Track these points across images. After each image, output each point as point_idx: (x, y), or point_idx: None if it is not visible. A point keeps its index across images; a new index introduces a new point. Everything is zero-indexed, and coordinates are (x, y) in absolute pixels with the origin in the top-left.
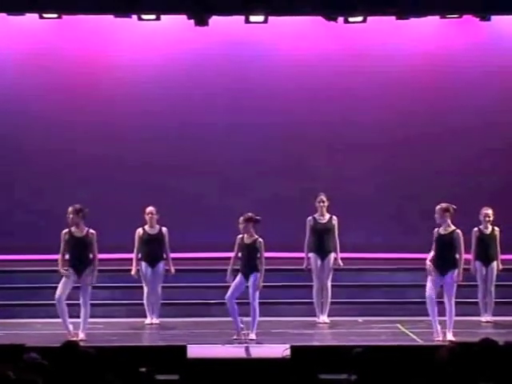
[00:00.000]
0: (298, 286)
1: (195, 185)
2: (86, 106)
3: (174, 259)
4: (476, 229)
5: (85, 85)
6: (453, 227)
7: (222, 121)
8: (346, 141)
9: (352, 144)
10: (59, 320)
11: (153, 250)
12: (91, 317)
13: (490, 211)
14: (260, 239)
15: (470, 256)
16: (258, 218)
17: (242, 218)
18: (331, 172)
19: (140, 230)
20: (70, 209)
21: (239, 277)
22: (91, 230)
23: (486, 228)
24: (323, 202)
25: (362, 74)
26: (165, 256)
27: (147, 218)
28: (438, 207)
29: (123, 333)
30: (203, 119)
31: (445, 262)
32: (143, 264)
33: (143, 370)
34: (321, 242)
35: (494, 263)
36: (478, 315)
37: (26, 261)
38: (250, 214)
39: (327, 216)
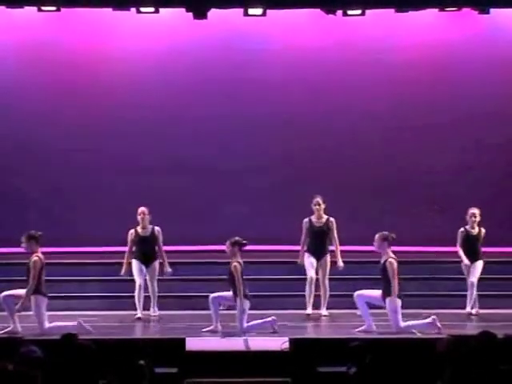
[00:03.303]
0: (296, 278)
1: (195, 177)
2: (84, 97)
3: (172, 252)
4: (462, 229)
5: (83, 77)
6: (385, 257)
7: (221, 112)
8: (345, 131)
9: (351, 135)
10: (57, 313)
11: (146, 251)
12: (90, 309)
13: (476, 211)
14: (235, 263)
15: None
16: (244, 242)
17: (228, 242)
18: (332, 163)
19: (132, 232)
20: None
21: None
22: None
23: (473, 228)
24: (319, 204)
25: (361, 66)
26: (159, 256)
27: (139, 218)
28: (377, 235)
29: (122, 325)
30: (202, 111)
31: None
32: (136, 262)
33: (142, 362)
34: (317, 244)
35: (479, 262)
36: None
37: (24, 253)
38: (236, 238)
39: (324, 218)
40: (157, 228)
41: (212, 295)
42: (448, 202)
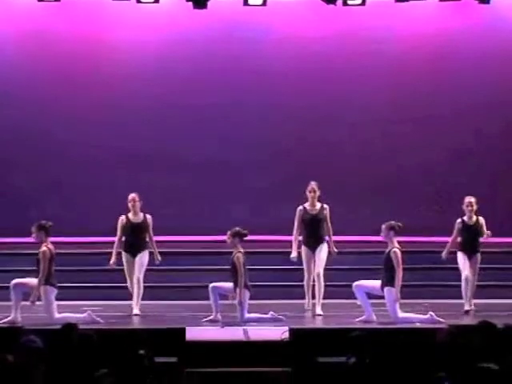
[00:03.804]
0: (297, 268)
1: (195, 165)
2: (84, 88)
3: (173, 242)
4: (459, 220)
5: (83, 67)
6: (390, 246)
7: (220, 102)
8: (344, 121)
9: (351, 125)
10: (59, 303)
11: (136, 239)
12: (91, 299)
13: (472, 200)
14: (238, 254)
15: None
16: (244, 232)
17: (229, 233)
18: (330, 152)
19: (123, 218)
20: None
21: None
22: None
23: (470, 218)
24: (314, 191)
25: (361, 55)
26: (149, 245)
27: (130, 205)
28: (384, 225)
29: (122, 315)
30: (202, 102)
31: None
32: (125, 254)
33: (142, 352)
34: (311, 232)
35: (478, 255)
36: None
37: (25, 243)
38: (237, 229)
39: (318, 205)
40: (148, 216)
41: (211, 285)
42: (447, 192)
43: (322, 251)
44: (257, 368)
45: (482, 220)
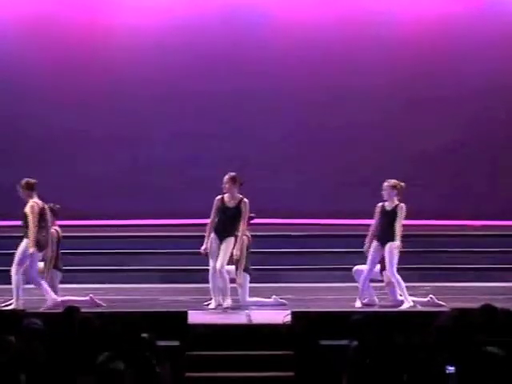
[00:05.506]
0: (301, 252)
1: (195, 151)
2: (83, 72)
3: (177, 225)
4: (380, 204)
5: (83, 52)
6: (393, 203)
7: (221, 86)
8: (344, 105)
9: (351, 109)
10: (61, 286)
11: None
12: (93, 282)
13: (389, 182)
14: (243, 237)
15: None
16: (251, 215)
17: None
18: (330, 136)
19: None
20: None
21: None
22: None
23: (391, 203)
24: (226, 183)
25: (362, 39)
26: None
27: None
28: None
29: (124, 298)
30: (202, 85)
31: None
32: None
33: (145, 335)
34: (225, 225)
35: (393, 244)
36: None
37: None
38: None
39: (236, 199)
40: (30, 204)
41: None
42: (446, 175)
43: (227, 245)
44: (259, 351)
45: (401, 207)
